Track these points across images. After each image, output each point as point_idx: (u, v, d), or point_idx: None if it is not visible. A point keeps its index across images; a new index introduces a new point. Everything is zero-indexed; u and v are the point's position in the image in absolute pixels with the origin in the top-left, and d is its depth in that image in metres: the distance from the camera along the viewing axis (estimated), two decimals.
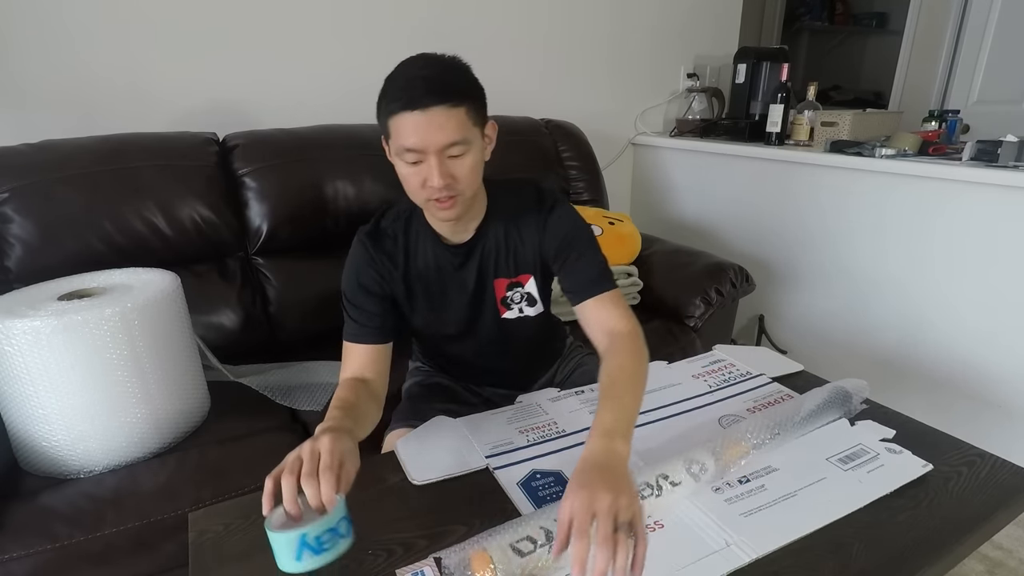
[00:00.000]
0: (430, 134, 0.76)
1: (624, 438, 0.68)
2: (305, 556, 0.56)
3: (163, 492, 0.97)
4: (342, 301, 0.94)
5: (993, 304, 1.45)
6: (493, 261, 0.94)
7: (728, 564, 0.62)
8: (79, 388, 0.95)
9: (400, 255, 0.93)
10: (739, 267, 1.65)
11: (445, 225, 0.91)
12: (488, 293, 0.96)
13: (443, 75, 0.78)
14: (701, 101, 2.33)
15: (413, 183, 0.80)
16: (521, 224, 0.93)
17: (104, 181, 1.27)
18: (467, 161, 0.80)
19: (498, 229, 0.93)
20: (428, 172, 0.78)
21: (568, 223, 0.92)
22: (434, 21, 1.80)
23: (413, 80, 0.76)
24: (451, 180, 0.79)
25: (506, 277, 0.95)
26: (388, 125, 0.79)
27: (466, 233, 0.92)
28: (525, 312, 0.99)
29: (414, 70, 0.78)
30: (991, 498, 0.72)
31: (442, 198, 0.80)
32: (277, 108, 1.64)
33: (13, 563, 0.86)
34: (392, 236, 0.93)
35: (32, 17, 1.35)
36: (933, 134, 1.79)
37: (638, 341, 0.85)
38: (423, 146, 0.76)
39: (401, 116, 0.76)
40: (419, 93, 0.75)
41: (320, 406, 1.19)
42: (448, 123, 0.76)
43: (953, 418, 1.51)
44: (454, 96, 0.76)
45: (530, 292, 0.97)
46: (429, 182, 0.78)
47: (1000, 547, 1.39)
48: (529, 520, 0.64)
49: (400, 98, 0.76)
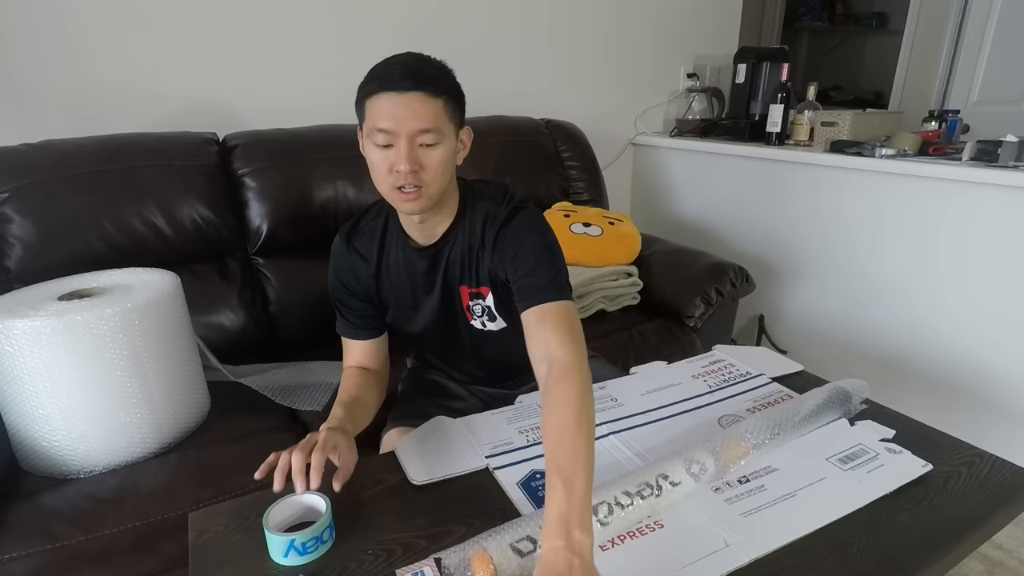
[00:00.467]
0: (404, 117, 0.76)
1: (582, 527, 0.58)
2: (292, 555, 0.63)
3: (163, 492, 0.97)
4: (332, 301, 0.98)
5: (993, 304, 1.45)
6: (458, 267, 0.92)
7: (728, 564, 0.62)
8: (79, 388, 0.95)
9: (374, 253, 0.93)
10: (739, 267, 1.65)
11: (413, 226, 0.90)
12: (451, 300, 0.95)
13: (425, 67, 0.78)
14: (701, 101, 2.33)
15: (381, 169, 0.80)
16: (484, 234, 0.89)
17: (104, 181, 1.27)
18: (437, 153, 0.79)
19: (464, 235, 0.90)
20: (396, 157, 0.77)
21: (521, 235, 0.85)
22: (435, 22, 1.80)
23: (395, 64, 0.77)
24: (418, 168, 0.78)
25: (468, 286, 0.93)
26: (364, 106, 0.79)
27: (432, 236, 0.91)
28: (487, 326, 0.96)
29: (398, 57, 0.79)
30: (991, 498, 0.72)
31: (407, 188, 0.79)
32: (277, 108, 1.64)
33: (13, 563, 0.86)
34: (368, 234, 0.94)
35: (32, 17, 1.35)
36: (933, 134, 1.79)
37: (579, 378, 0.72)
38: (395, 128, 0.76)
39: (377, 96, 0.77)
40: (398, 76, 0.76)
41: (320, 406, 1.19)
42: (424, 110, 0.76)
43: (953, 418, 1.51)
44: (433, 86, 0.77)
45: (489, 306, 0.94)
46: (396, 167, 0.77)
47: (1000, 547, 1.39)
48: (529, 520, 0.64)
49: (379, 78, 0.77)
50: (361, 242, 0.94)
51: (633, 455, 0.81)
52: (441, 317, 0.96)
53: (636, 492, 0.67)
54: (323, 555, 0.65)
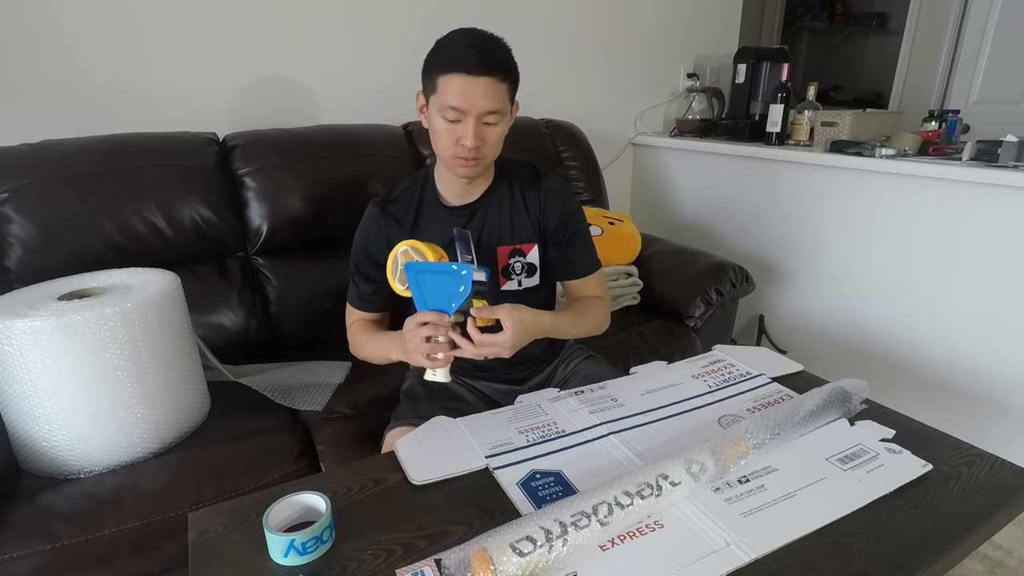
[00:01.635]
0: (475, 99, 0.86)
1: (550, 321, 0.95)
2: (291, 555, 0.64)
3: (163, 492, 0.97)
4: (350, 265, 1.03)
5: (993, 304, 1.45)
6: (496, 227, 1.00)
7: (728, 564, 0.62)
8: (79, 388, 0.95)
9: (409, 217, 1.00)
10: (739, 267, 1.65)
11: (452, 188, 1.00)
12: (486, 261, 0.99)
13: (496, 51, 0.89)
14: (701, 101, 2.33)
15: (447, 139, 0.89)
16: (527, 195, 1.01)
17: (104, 181, 1.27)
18: (497, 130, 0.91)
19: (503, 196, 1.00)
20: (463, 132, 0.88)
21: (566, 200, 1.02)
22: (435, 23, 1.78)
23: (470, 48, 0.86)
24: (481, 143, 0.89)
25: (508, 244, 1.01)
26: (436, 81, 0.88)
27: (470, 196, 0.99)
28: (524, 284, 1.04)
29: (471, 39, 0.88)
30: (991, 498, 0.72)
31: (468, 157, 0.89)
32: (277, 108, 1.64)
33: (13, 563, 0.86)
34: (404, 200, 1.01)
35: (32, 17, 1.35)
36: (933, 134, 1.79)
37: (604, 307, 1.06)
38: (467, 107, 0.86)
39: (453, 76, 0.85)
40: (475, 61, 0.85)
41: (320, 406, 1.19)
42: (493, 93, 0.87)
43: (953, 418, 1.51)
44: (501, 71, 0.88)
45: (531, 262, 1.03)
46: (462, 141, 0.88)
47: (1000, 547, 1.39)
48: (529, 520, 0.64)
49: (457, 60, 0.85)
50: (396, 207, 1.01)
51: (633, 455, 0.81)
52: None
53: (636, 492, 0.67)
54: (323, 555, 0.65)
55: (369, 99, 1.75)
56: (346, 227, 1.48)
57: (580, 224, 1.04)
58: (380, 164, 1.53)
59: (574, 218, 1.03)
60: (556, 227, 1.02)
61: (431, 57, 0.90)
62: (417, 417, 0.96)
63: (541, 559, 0.60)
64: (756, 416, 0.82)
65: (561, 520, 0.63)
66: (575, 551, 0.62)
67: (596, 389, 0.99)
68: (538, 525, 0.62)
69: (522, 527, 0.63)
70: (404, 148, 1.60)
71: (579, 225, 1.04)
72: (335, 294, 1.46)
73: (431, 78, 0.89)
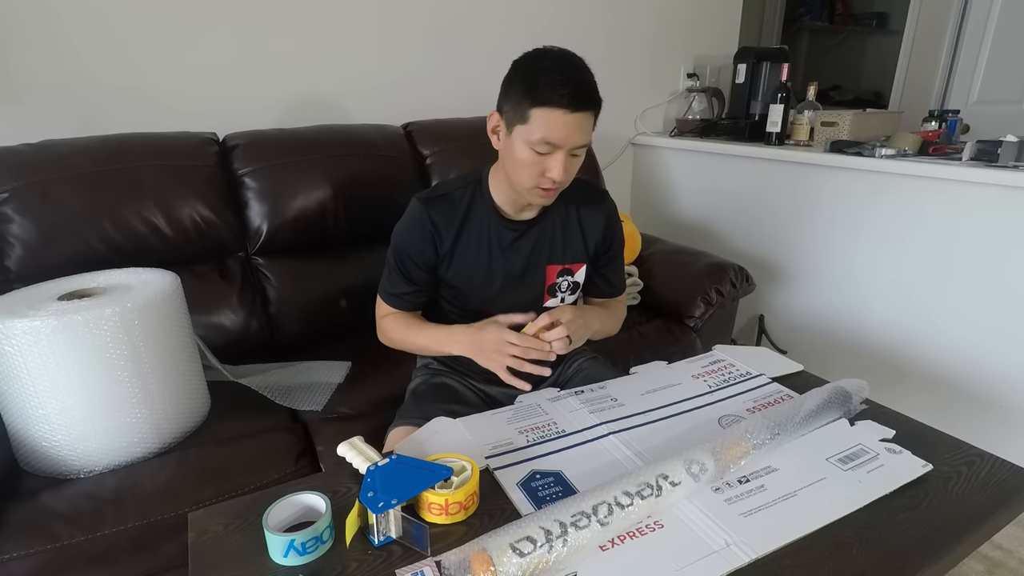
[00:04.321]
0: (572, 134, 0.84)
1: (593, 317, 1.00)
2: (291, 555, 0.63)
3: (163, 492, 0.97)
4: (388, 258, 1.00)
5: (993, 304, 1.45)
6: (548, 245, 0.99)
7: (728, 564, 0.62)
8: (79, 388, 0.95)
9: (458, 216, 0.97)
10: (739, 267, 1.65)
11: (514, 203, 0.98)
12: (535, 279, 1.00)
13: (588, 83, 0.85)
14: (701, 101, 2.33)
15: (532, 170, 0.87)
16: (583, 213, 1.00)
17: (104, 181, 1.27)
18: (580, 159, 0.90)
19: (559, 215, 0.99)
20: (552, 165, 0.86)
21: (618, 222, 1.04)
22: (434, 24, 1.80)
23: (567, 84, 0.82)
24: (565, 176, 0.88)
25: (559, 263, 1.00)
26: (528, 113, 0.84)
27: (531, 212, 0.98)
28: (566, 301, 1.05)
29: (568, 69, 0.84)
30: (991, 498, 0.72)
31: (551, 188, 0.88)
32: (277, 108, 1.64)
33: (13, 563, 0.86)
34: (452, 201, 0.98)
35: (32, 17, 1.35)
36: (933, 134, 1.79)
37: (621, 317, 1.12)
38: (563, 143, 0.84)
39: (552, 111, 0.82)
40: (578, 98, 0.82)
41: (320, 406, 1.19)
42: (586, 127, 0.86)
43: (953, 418, 1.51)
44: (596, 106, 0.87)
45: (578, 281, 1.04)
46: (549, 173, 0.86)
47: (1000, 547, 1.39)
48: (529, 521, 0.64)
49: (559, 95, 0.82)
50: (444, 206, 0.98)
51: (633, 455, 0.81)
52: (506, 289, 1.00)
53: (636, 492, 0.67)
54: (323, 555, 0.65)
55: (369, 99, 1.75)
56: (346, 227, 1.49)
57: (621, 245, 1.07)
58: (380, 164, 1.53)
59: (616, 240, 1.04)
60: (606, 247, 1.03)
61: (521, 86, 0.85)
62: (421, 417, 0.96)
63: (541, 559, 0.60)
64: (756, 416, 0.82)
65: (561, 520, 0.63)
66: (575, 551, 0.62)
67: (596, 389, 0.99)
68: (538, 525, 0.62)
69: (522, 527, 0.63)
70: (404, 148, 1.60)
71: (620, 248, 1.07)
72: (335, 294, 1.47)
73: (520, 108, 0.85)
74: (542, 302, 1.02)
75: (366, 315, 1.50)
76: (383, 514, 0.65)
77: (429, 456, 0.76)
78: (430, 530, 0.65)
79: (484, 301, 1.01)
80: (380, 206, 1.49)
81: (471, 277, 0.99)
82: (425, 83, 1.80)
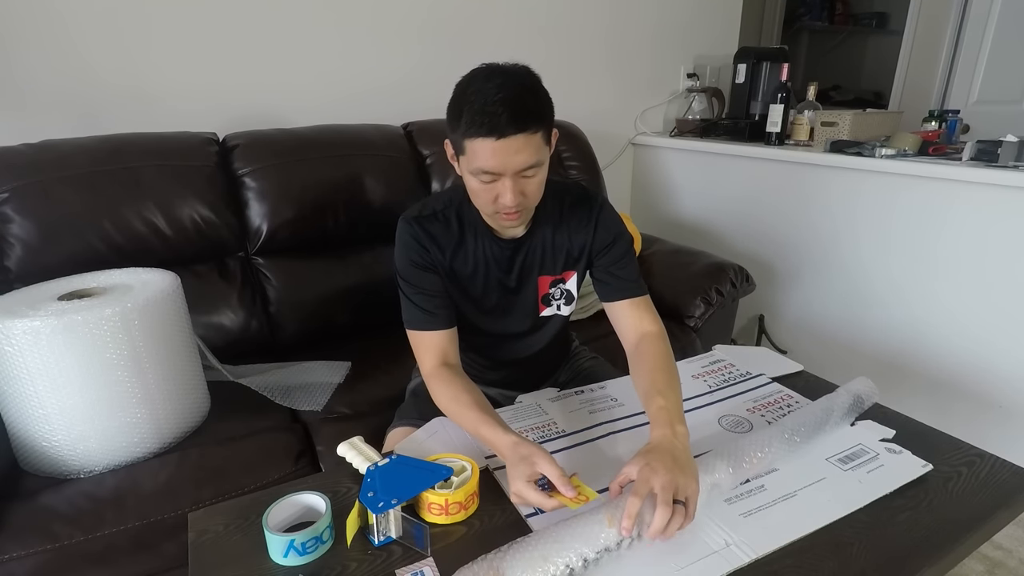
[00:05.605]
0: (508, 159, 0.78)
1: (682, 423, 0.76)
2: (291, 555, 0.63)
3: (163, 492, 0.97)
4: (400, 287, 0.94)
5: (993, 304, 1.45)
6: (539, 258, 0.96)
7: (728, 564, 0.62)
8: (79, 388, 0.95)
9: (451, 239, 0.93)
10: (739, 267, 1.65)
11: (496, 224, 0.92)
12: (527, 290, 0.98)
13: (522, 99, 0.78)
14: (701, 101, 2.33)
15: (484, 198, 0.83)
16: (571, 220, 0.96)
17: (104, 181, 1.27)
18: (537, 179, 0.83)
19: (547, 227, 0.96)
20: (501, 190, 0.81)
21: (617, 223, 0.98)
22: (434, 24, 1.80)
23: (493, 105, 0.76)
24: (522, 198, 0.82)
25: (550, 274, 0.98)
26: (463, 144, 0.79)
27: (519, 230, 0.95)
28: (561, 310, 1.02)
29: (492, 92, 0.76)
30: (991, 498, 0.72)
31: (510, 212, 0.83)
32: (278, 108, 1.64)
33: (13, 563, 0.86)
34: (443, 220, 0.94)
35: (33, 17, 1.35)
36: (933, 134, 1.79)
37: (667, 341, 0.94)
38: (501, 170, 0.79)
39: (480, 141, 0.77)
40: (501, 121, 0.75)
41: (320, 406, 1.19)
42: (525, 149, 0.78)
43: (953, 418, 1.51)
44: (532, 123, 0.78)
45: (570, 289, 1.00)
46: (501, 199, 0.81)
47: (1000, 547, 1.39)
48: (548, 547, 0.61)
49: (480, 124, 0.76)
50: (434, 227, 0.93)
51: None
52: (504, 306, 0.99)
53: None
54: (323, 555, 0.65)
55: (369, 99, 1.75)
56: (346, 227, 1.49)
57: (628, 246, 0.98)
58: (380, 164, 1.53)
59: (616, 238, 0.97)
60: (605, 248, 0.97)
61: (453, 112, 0.80)
62: (420, 418, 0.96)
63: None
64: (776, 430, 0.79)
65: (586, 556, 0.61)
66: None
67: (596, 389, 0.99)
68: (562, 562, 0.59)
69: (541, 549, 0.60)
70: (404, 148, 1.60)
71: (626, 246, 0.98)
72: (335, 294, 1.47)
73: (455, 139, 0.81)
74: (537, 312, 1.01)
75: (366, 315, 1.51)
76: (383, 514, 0.65)
77: (429, 456, 0.76)
78: (430, 530, 0.65)
79: (478, 314, 0.99)
80: (380, 206, 1.50)
81: (466, 292, 0.97)
82: (425, 83, 1.80)
